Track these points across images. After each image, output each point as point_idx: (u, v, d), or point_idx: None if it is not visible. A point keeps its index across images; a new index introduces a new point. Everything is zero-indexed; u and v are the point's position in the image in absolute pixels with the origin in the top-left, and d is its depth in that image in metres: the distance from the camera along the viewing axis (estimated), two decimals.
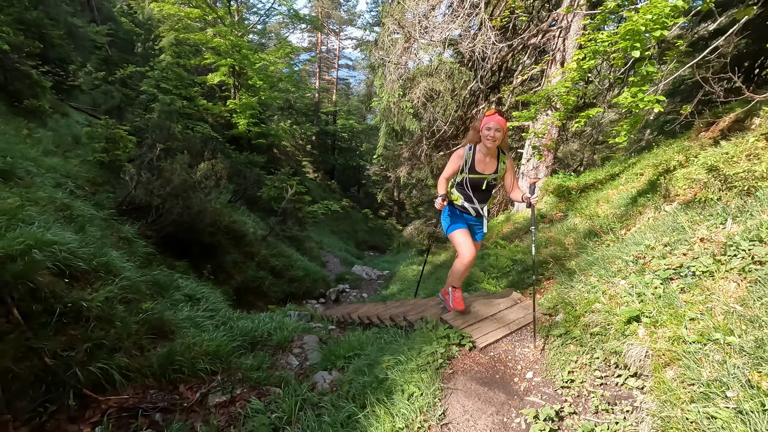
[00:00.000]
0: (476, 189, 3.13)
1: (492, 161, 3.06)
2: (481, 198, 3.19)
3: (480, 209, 3.23)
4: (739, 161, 3.80)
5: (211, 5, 20.19)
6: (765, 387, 1.57)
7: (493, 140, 2.89)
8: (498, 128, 2.87)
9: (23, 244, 3.28)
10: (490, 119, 2.89)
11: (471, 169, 3.06)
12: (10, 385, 2.69)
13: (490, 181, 3.10)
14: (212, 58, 18.62)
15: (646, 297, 2.75)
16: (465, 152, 3.06)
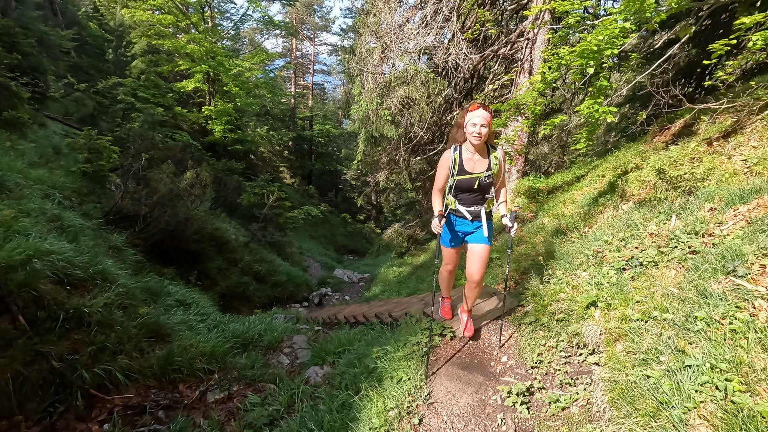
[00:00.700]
0: (468, 190, 2.85)
1: (482, 159, 2.79)
2: (476, 199, 2.89)
3: (476, 212, 2.90)
4: (682, 164, 4.28)
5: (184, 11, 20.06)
6: (688, 351, 1.94)
7: (479, 136, 2.63)
8: (483, 123, 2.61)
9: (23, 254, 3.41)
10: (473, 114, 2.64)
11: (460, 170, 2.80)
12: (21, 387, 2.84)
13: (483, 179, 2.78)
14: (186, 64, 18.48)
15: (602, 285, 3.15)
16: (450, 154, 2.82)
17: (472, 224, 2.97)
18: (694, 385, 1.75)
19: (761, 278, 2.22)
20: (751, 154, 4.06)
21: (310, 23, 33.75)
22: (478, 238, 2.96)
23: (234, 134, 20.00)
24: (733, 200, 3.29)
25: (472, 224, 2.97)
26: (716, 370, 1.76)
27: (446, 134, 11.72)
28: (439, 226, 2.79)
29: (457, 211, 2.95)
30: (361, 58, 8.67)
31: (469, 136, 2.69)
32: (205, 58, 18.46)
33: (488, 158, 2.81)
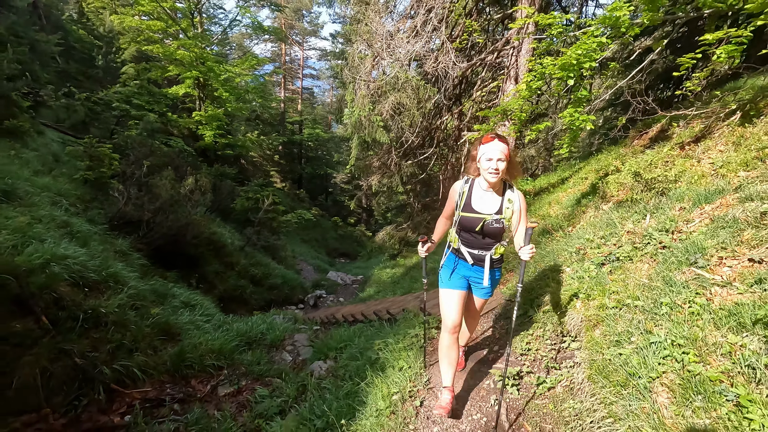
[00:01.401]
0: (470, 231, 2.42)
1: (494, 197, 2.37)
2: (479, 244, 2.43)
3: (480, 257, 2.45)
4: (656, 167, 4.63)
5: (173, 17, 20.14)
6: (654, 331, 2.25)
7: (497, 173, 2.22)
8: (501, 157, 2.21)
9: (41, 259, 3.59)
10: (488, 147, 2.24)
11: (466, 206, 2.39)
12: (48, 382, 3.04)
13: (489, 222, 2.32)
14: (176, 70, 18.55)
15: (584, 279, 3.46)
16: (460, 186, 2.45)
17: (472, 269, 2.51)
18: (657, 359, 2.05)
19: (718, 268, 2.54)
20: (718, 157, 4.42)
21: (299, 28, 33.97)
22: (476, 291, 2.60)
23: (224, 139, 20.08)
24: (700, 200, 3.63)
25: (472, 269, 2.51)
26: (676, 346, 2.06)
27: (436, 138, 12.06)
28: (423, 251, 2.53)
29: (458, 251, 2.53)
30: (353, 66, 8.95)
31: (484, 173, 2.28)
32: (195, 64, 18.55)
33: (502, 199, 2.35)
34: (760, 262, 2.41)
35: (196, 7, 21.31)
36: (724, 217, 3.10)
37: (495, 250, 2.45)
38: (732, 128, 4.73)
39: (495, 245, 2.44)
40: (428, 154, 11.53)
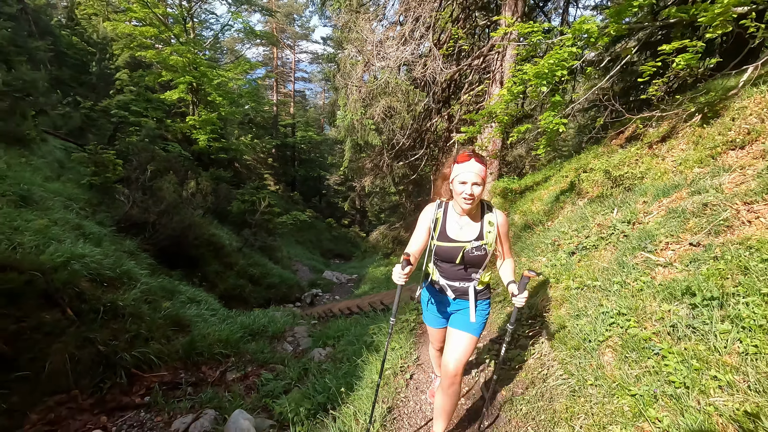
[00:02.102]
0: (449, 261, 2.12)
1: (472, 223, 2.07)
2: (460, 275, 2.13)
3: (462, 289, 2.15)
4: (624, 166, 5.06)
5: (165, 23, 20.37)
6: (605, 304, 2.65)
7: (471, 199, 1.92)
8: (476, 180, 1.91)
9: (63, 257, 3.93)
10: (463, 168, 1.92)
11: (441, 235, 2.09)
12: (76, 367, 3.37)
13: (469, 251, 2.03)
14: (170, 75, 18.80)
15: (555, 266, 3.86)
16: (433, 211, 2.12)
17: (455, 302, 2.21)
18: (605, 326, 2.45)
19: (663, 252, 2.96)
20: (679, 155, 4.86)
21: (290, 32, 34.28)
22: (460, 323, 2.20)
23: (218, 143, 20.35)
24: (659, 195, 4.06)
25: (455, 302, 2.21)
26: (621, 315, 2.46)
27: (426, 140, 12.48)
28: (402, 275, 1.93)
29: (437, 283, 2.23)
30: (345, 72, 9.33)
31: (458, 198, 1.97)
32: (188, 69, 18.81)
33: (481, 223, 2.06)
34: (697, 246, 2.83)
35: (188, 13, 21.59)
36: (676, 209, 3.52)
37: (479, 280, 2.14)
38: (693, 129, 5.17)
39: (479, 274, 2.12)
40: (419, 155, 11.94)
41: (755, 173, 3.38)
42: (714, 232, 2.85)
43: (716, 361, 1.86)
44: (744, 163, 3.81)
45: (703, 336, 2.02)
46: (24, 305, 3.35)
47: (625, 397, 1.92)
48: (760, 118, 4.29)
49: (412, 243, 2.13)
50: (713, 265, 2.46)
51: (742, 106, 4.67)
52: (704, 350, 1.94)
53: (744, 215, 2.85)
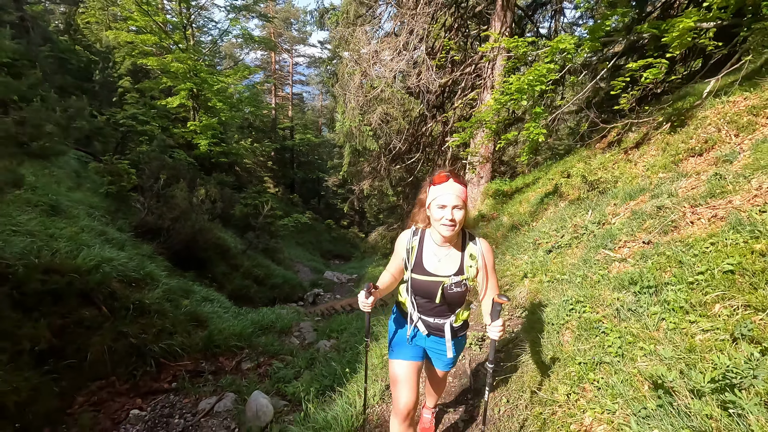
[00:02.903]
0: (426, 298, 1.90)
1: (452, 254, 1.85)
2: (436, 310, 1.92)
3: (437, 326, 1.95)
4: (599, 171, 5.55)
5: (166, 31, 20.82)
6: (568, 294, 3.13)
7: (452, 225, 1.70)
8: (457, 203, 1.70)
9: (94, 261, 4.39)
10: (441, 189, 1.72)
11: (417, 267, 1.87)
12: (112, 357, 3.84)
13: (448, 286, 1.81)
14: (170, 81, 19.24)
15: (534, 263, 4.35)
16: (408, 239, 1.92)
17: (429, 339, 2.01)
18: (566, 312, 2.93)
19: (621, 249, 3.44)
20: (649, 161, 5.35)
21: (288, 36, 34.75)
22: (436, 361, 2.10)
23: (219, 147, 20.81)
24: (627, 198, 4.54)
25: (429, 339, 2.01)
26: (579, 303, 2.94)
27: (422, 144, 12.97)
28: (366, 304, 1.84)
29: (409, 317, 1.99)
30: (343, 83, 9.81)
31: (436, 224, 1.75)
32: (188, 76, 19.28)
33: (462, 255, 1.84)
34: (648, 243, 3.31)
35: (188, 21, 22.03)
36: (637, 211, 4.00)
37: (456, 317, 1.94)
38: (663, 136, 5.66)
39: (457, 311, 1.93)
40: (415, 158, 12.44)
41: (706, 179, 3.86)
42: (663, 231, 3.33)
43: (645, 336, 2.34)
44: (700, 169, 4.31)
45: (639, 317, 2.50)
46: (66, 304, 3.82)
47: (573, 365, 2.40)
48: (717, 128, 4.79)
49: (386, 271, 2.00)
50: (657, 259, 2.94)
51: (704, 116, 5.17)
52: (638, 328, 2.42)
53: (689, 217, 3.34)
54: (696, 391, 1.74)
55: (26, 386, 3.07)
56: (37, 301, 3.58)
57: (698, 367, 1.86)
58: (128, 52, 19.78)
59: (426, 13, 8.67)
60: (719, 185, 3.52)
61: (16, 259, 3.64)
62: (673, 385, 1.87)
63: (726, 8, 5.04)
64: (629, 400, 1.94)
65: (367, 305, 1.86)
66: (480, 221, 8.42)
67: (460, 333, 2.06)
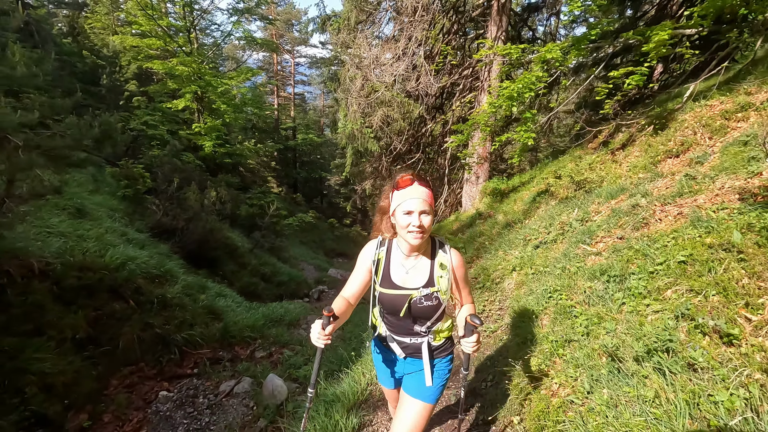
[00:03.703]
0: (394, 313, 1.74)
1: (421, 264, 1.72)
2: (408, 329, 1.77)
3: (413, 347, 1.79)
4: (586, 171, 5.93)
5: (170, 35, 21.26)
6: (548, 284, 3.52)
7: (420, 233, 1.57)
8: (424, 208, 1.56)
9: (120, 259, 4.81)
10: (405, 194, 1.57)
11: (384, 280, 1.73)
12: (141, 345, 4.26)
13: (417, 300, 1.67)
14: (175, 84, 19.69)
15: (523, 257, 4.74)
16: (373, 250, 1.79)
17: (406, 361, 1.85)
18: (545, 299, 3.32)
19: (597, 244, 3.83)
20: (632, 162, 5.73)
21: (289, 37, 35.12)
22: (412, 388, 1.84)
23: (223, 148, 21.26)
24: (608, 197, 4.92)
25: (406, 361, 1.85)
26: (556, 291, 3.33)
27: (422, 144, 13.36)
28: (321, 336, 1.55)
29: (384, 339, 1.88)
30: (345, 87, 10.20)
31: (403, 233, 1.61)
32: (193, 78, 19.72)
33: (432, 265, 1.70)
34: (621, 239, 3.69)
35: (191, 25, 22.46)
36: (617, 209, 4.38)
37: (435, 335, 1.77)
38: (647, 138, 6.03)
39: (433, 328, 1.75)
40: (415, 158, 12.83)
41: (678, 179, 4.24)
42: (635, 227, 3.71)
43: (609, 317, 2.73)
44: (675, 170, 4.69)
45: (605, 302, 2.89)
46: (98, 298, 4.24)
47: (547, 343, 2.80)
48: (693, 131, 5.17)
49: (348, 286, 1.81)
50: (626, 252, 3.33)
51: (684, 119, 5.55)
52: (603, 311, 2.81)
53: (658, 214, 3.72)
54: (636, 357, 2.14)
55: (70, 369, 3.49)
56: (74, 296, 4.00)
57: (642, 339, 2.25)
58: (134, 56, 20.23)
59: (424, 20, 9.04)
60: (688, 185, 3.90)
61: (54, 258, 4.06)
62: (623, 355, 2.27)
63: (706, 17, 5.40)
64: (588, 369, 2.33)
65: (323, 337, 1.53)
66: (477, 219, 8.80)
67: (442, 354, 1.82)
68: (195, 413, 3.67)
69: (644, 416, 1.72)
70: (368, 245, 1.84)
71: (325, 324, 1.55)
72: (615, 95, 5.80)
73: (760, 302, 2.09)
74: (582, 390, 2.18)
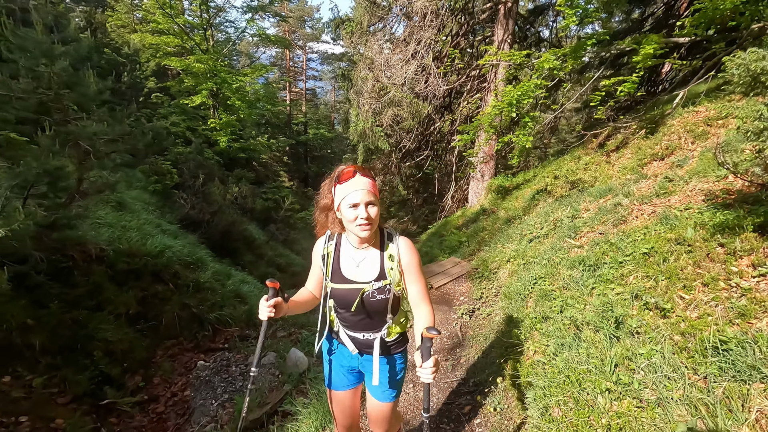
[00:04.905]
0: (346, 307, 1.70)
1: (371, 256, 1.68)
2: (362, 324, 1.73)
3: (366, 342, 1.76)
4: (579, 171, 6.40)
5: (187, 33, 21.94)
6: (534, 272, 4.05)
7: (368, 224, 1.54)
8: (370, 198, 1.54)
9: (159, 247, 5.44)
10: (349, 187, 1.54)
11: (335, 275, 1.70)
12: (180, 323, 4.89)
13: (369, 293, 1.63)
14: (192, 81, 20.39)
15: (517, 250, 5.26)
16: (322, 245, 1.76)
17: (362, 358, 1.81)
18: (530, 285, 3.86)
19: (581, 239, 4.33)
20: (623, 163, 6.18)
21: (301, 33, 35.63)
22: (371, 388, 1.85)
23: (237, 144, 21.97)
24: (598, 196, 5.40)
25: (362, 358, 1.81)
26: (541, 278, 3.86)
27: (431, 141, 13.84)
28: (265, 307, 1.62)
29: (337, 335, 1.84)
30: (357, 89, 10.73)
31: (351, 226, 1.58)
32: (209, 75, 20.40)
33: (382, 256, 1.66)
34: (602, 234, 4.20)
35: (208, 23, 23.11)
36: (602, 207, 4.88)
37: (388, 330, 1.73)
38: (639, 141, 6.47)
39: (387, 322, 1.72)
40: (424, 156, 13.33)
41: (659, 181, 4.71)
42: (615, 224, 4.22)
43: (581, 299, 3.26)
44: (658, 172, 5.16)
45: (579, 287, 3.41)
46: (143, 280, 4.87)
47: (529, 320, 3.34)
48: (678, 135, 5.62)
49: (308, 282, 1.86)
50: (602, 246, 3.83)
51: (672, 124, 5.99)
52: (577, 294, 3.34)
53: (636, 213, 4.22)
54: (595, 328, 2.67)
55: (126, 339, 4.13)
56: (125, 278, 4.63)
57: (602, 315, 2.78)
58: (152, 53, 20.97)
59: (433, 25, 9.51)
60: (665, 187, 4.39)
61: (106, 245, 4.69)
62: (584, 327, 2.80)
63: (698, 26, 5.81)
64: (556, 338, 2.87)
65: (266, 308, 1.55)
66: (481, 215, 9.30)
67: (395, 350, 1.78)
68: (230, 378, 4.28)
69: (587, 366, 2.26)
70: (318, 241, 1.79)
71: (270, 296, 1.55)
72: (608, 101, 6.24)
73: (694, 285, 2.60)
74: (549, 353, 2.73)
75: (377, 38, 10.44)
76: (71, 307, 3.79)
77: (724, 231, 2.85)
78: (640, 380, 2.01)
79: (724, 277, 2.49)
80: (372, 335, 1.72)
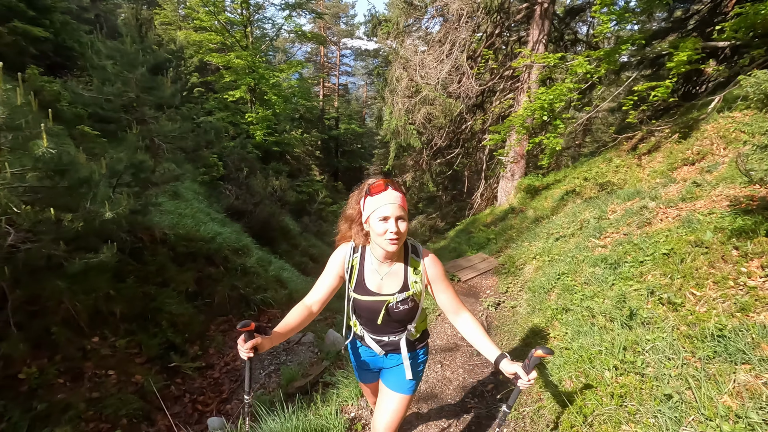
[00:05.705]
0: (371, 319, 1.76)
1: (395, 269, 1.70)
2: (387, 329, 1.80)
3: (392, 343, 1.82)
4: (608, 174, 6.53)
5: (228, 30, 22.88)
6: (558, 268, 4.31)
7: (396, 238, 1.55)
8: (400, 213, 1.56)
9: (211, 233, 5.99)
10: (379, 200, 1.55)
11: (359, 286, 1.72)
12: (229, 302, 5.42)
13: (393, 306, 1.69)
14: (231, 77, 21.29)
15: (544, 248, 5.50)
16: (346, 254, 1.74)
17: (387, 358, 1.89)
18: (553, 280, 4.13)
19: (605, 239, 4.55)
20: (654, 167, 6.28)
21: (336, 30, 36.23)
22: (392, 382, 1.91)
23: (272, 137, 22.78)
24: (626, 198, 5.56)
25: (387, 358, 1.89)
26: (564, 274, 4.12)
27: (462, 140, 14.03)
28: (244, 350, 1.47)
29: (362, 339, 1.91)
30: (391, 88, 11.08)
31: (378, 240, 1.59)
32: (247, 71, 21.24)
33: (405, 271, 1.70)
34: (626, 234, 4.40)
35: (248, 20, 23.98)
36: (629, 210, 5.05)
37: (414, 329, 1.81)
38: (672, 145, 6.54)
39: (411, 324, 1.79)
40: (454, 153, 13.56)
41: (686, 186, 4.85)
42: (639, 226, 4.41)
43: (600, 294, 3.52)
44: (687, 177, 5.28)
45: (599, 283, 3.67)
46: (199, 262, 5.43)
47: (550, 311, 3.63)
48: (711, 141, 5.69)
49: (314, 291, 1.78)
50: (625, 246, 4.06)
51: (705, 129, 6.05)
52: (597, 289, 3.60)
53: (660, 216, 4.40)
54: (610, 318, 2.95)
55: (186, 313, 4.67)
56: (184, 260, 5.20)
57: (618, 307, 3.04)
58: (195, 50, 22.00)
59: (468, 27, 9.72)
60: (692, 191, 4.54)
61: (168, 230, 5.26)
62: (600, 317, 3.08)
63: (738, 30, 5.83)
64: (575, 326, 3.16)
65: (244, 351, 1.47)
66: (510, 213, 9.49)
67: (419, 346, 1.89)
68: (275, 353, 4.77)
69: (599, 348, 2.56)
70: (339, 251, 1.77)
71: (246, 338, 1.46)
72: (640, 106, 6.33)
73: (706, 283, 2.83)
74: (567, 339, 3.02)
75: (412, 38, 10.73)
76: (143, 282, 4.35)
77: (741, 235, 3.05)
78: (644, 360, 2.29)
79: (733, 277, 2.72)
80: (397, 336, 1.79)
